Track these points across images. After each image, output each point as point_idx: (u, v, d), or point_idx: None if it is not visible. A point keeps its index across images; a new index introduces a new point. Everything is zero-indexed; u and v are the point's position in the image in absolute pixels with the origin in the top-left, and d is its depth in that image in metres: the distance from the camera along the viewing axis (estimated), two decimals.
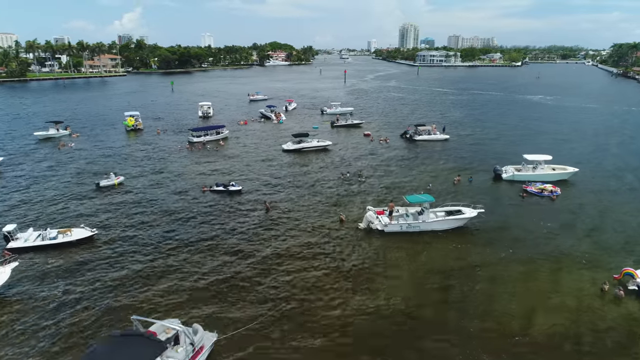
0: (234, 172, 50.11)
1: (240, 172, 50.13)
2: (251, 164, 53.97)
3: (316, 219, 36.45)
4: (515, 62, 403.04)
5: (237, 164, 53.84)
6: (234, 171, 50.39)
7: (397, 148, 62.85)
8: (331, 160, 55.97)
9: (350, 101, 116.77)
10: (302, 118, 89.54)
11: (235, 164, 53.51)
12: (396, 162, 55.08)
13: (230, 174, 49.23)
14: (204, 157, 57.24)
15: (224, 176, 48.12)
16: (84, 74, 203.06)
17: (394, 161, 55.36)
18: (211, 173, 49.54)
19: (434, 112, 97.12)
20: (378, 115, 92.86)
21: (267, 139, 68.20)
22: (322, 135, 70.02)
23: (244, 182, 45.82)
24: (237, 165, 53.33)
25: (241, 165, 53.02)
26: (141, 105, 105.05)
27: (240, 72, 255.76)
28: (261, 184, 45.92)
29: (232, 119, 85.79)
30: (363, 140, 67.55)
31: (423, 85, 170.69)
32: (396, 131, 74.36)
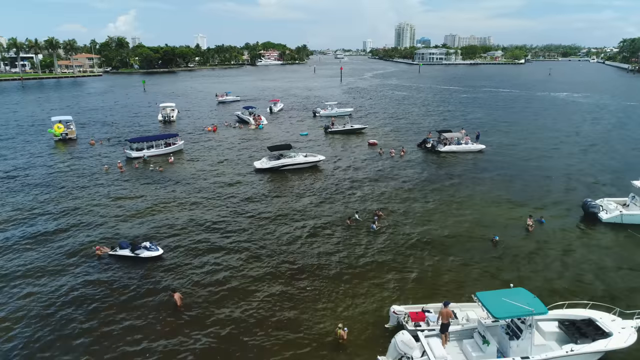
0: (170, 210, 31.90)
1: (179, 211, 31.92)
2: (204, 193, 35.85)
3: (296, 337, 18.35)
4: (518, 59, 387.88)
5: (183, 194, 35.68)
6: (171, 209, 32.19)
7: (417, 165, 44.89)
8: (324, 184, 37.99)
9: (348, 101, 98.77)
10: (289, 122, 71.45)
11: (179, 195, 35.34)
12: (420, 188, 37.08)
13: (164, 214, 31.10)
14: (139, 182, 39.04)
15: (148, 222, 29.94)
16: (54, 74, 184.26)
17: (418, 187, 37.36)
18: (133, 215, 31.30)
19: (452, 113, 79.27)
20: (383, 117, 74.84)
21: (238, 152, 50.06)
22: (311, 147, 51.99)
23: (175, 235, 27.69)
24: (182, 196, 35.16)
25: (188, 197, 34.84)
26: (98, 107, 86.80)
27: (228, 72, 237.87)
28: (204, 237, 27.76)
29: (199, 124, 67.73)
30: (368, 152, 49.58)
31: (427, 83, 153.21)
32: (410, 139, 56.52)
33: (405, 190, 36.44)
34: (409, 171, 42.07)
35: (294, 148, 45.36)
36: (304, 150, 47.08)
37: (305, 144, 53.86)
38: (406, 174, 41.13)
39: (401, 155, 47.79)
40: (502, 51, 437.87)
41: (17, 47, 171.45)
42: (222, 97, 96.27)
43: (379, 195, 35.25)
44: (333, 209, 32.32)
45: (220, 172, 41.97)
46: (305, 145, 52.60)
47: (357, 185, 37.80)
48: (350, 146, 52.84)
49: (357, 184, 37.97)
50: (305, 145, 53.10)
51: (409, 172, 41.60)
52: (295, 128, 65.39)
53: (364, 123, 65.88)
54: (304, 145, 52.53)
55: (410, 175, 40.82)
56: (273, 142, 54.65)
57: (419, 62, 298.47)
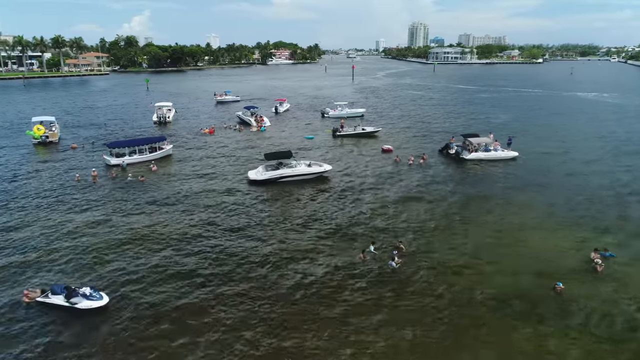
0: (136, 241, 25.71)
1: (146, 242, 25.74)
2: (184, 215, 29.69)
3: None
4: (535, 59, 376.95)
5: (158, 215, 29.56)
6: (137, 239, 25.99)
7: (440, 175, 38.21)
8: (330, 202, 31.62)
9: (360, 101, 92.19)
10: (294, 123, 65.18)
11: (153, 218, 29.22)
12: (447, 208, 30.48)
13: (127, 245, 24.99)
14: (111, 196, 33.04)
15: (103, 257, 23.85)
16: (60, 72, 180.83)
17: (443, 206, 30.76)
18: (88, 246, 25.23)
19: (473, 114, 72.21)
20: (398, 119, 68.12)
21: (233, 159, 43.90)
22: (316, 153, 45.65)
23: (131, 280, 21.53)
24: (156, 219, 29.04)
25: (162, 220, 28.73)
26: (93, 107, 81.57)
27: (237, 71, 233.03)
28: (171, 285, 21.56)
29: (196, 126, 61.81)
30: (382, 160, 43.03)
31: (442, 82, 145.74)
32: (429, 144, 49.87)
33: (428, 210, 29.85)
34: (432, 185, 35.40)
35: (296, 156, 39.03)
36: (308, 158, 40.75)
37: (310, 149, 47.55)
38: (429, 188, 34.46)
39: (420, 164, 41.15)
40: (518, 50, 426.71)
41: (22, 45, 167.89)
42: (220, 97, 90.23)
43: (397, 217, 28.74)
44: (341, 237, 25.89)
45: (209, 184, 35.80)
46: (310, 152, 46.30)
47: (370, 203, 31.32)
48: (362, 152, 46.34)
49: (371, 202, 31.48)
50: (310, 151, 46.79)
51: (432, 187, 34.93)
52: (301, 130, 59.06)
53: (377, 125, 59.33)
54: (308, 152, 46.25)
55: (434, 190, 34.17)
56: (275, 146, 48.58)
57: (434, 61, 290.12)
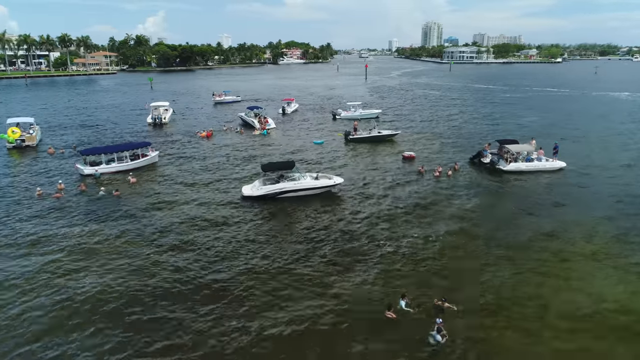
0: (84, 310, 19.59)
1: (98, 294, 19.61)
2: (156, 248, 23.49)
3: None
4: (554, 58, 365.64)
5: (127, 245, 23.41)
6: (93, 303, 19.87)
7: (475, 191, 31.43)
8: (341, 226, 25.16)
9: (374, 101, 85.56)
10: (303, 126, 58.82)
11: (119, 248, 23.08)
12: (490, 237, 23.79)
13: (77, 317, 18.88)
14: (75, 218, 26.98)
15: (28, 317, 17.77)
16: (67, 71, 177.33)
17: (488, 236, 24.05)
18: (16, 295, 19.18)
19: (500, 116, 65.03)
20: (418, 121, 61.29)
21: (229, 168, 37.66)
22: (326, 161, 39.21)
23: None
24: (122, 249, 22.90)
25: (126, 255, 22.56)
26: (88, 107, 76.30)
27: (248, 70, 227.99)
28: None
29: (195, 128, 55.86)
30: (404, 170, 36.38)
31: (460, 82, 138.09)
32: (456, 151, 43.11)
33: (471, 239, 23.23)
34: (467, 204, 28.68)
35: (300, 166, 32.71)
36: (315, 168, 34.39)
37: (318, 157, 41.11)
38: (466, 211, 27.69)
39: (449, 175, 34.40)
40: (536, 49, 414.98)
41: (28, 44, 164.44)
42: (219, 97, 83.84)
43: (429, 251, 22.15)
44: (358, 284, 19.43)
45: (196, 200, 29.59)
46: (318, 159, 39.87)
47: (392, 230, 24.78)
48: (379, 161, 39.73)
49: (394, 229, 24.93)
50: (319, 158, 40.36)
51: (468, 207, 28.22)
52: (309, 134, 52.66)
53: (394, 128, 52.71)
54: (316, 159, 39.83)
55: (471, 211, 27.46)
56: (279, 152, 42.31)
57: (450, 60, 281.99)
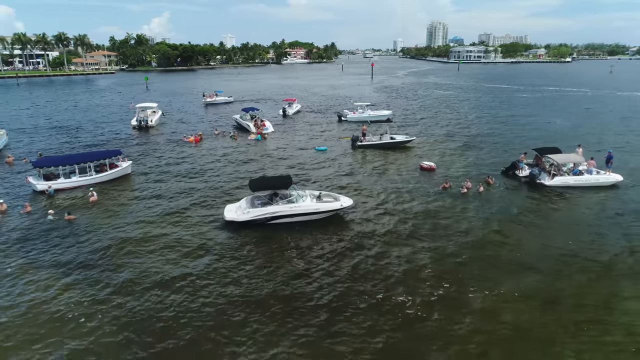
0: None
1: None
2: (111, 300, 17.41)
3: None
4: (563, 57, 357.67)
5: (68, 296, 17.37)
6: None
7: (516, 213, 25.12)
8: (352, 267, 18.97)
9: (382, 101, 79.37)
10: (305, 130, 52.71)
11: (53, 315, 17.04)
12: (550, 283, 17.51)
13: None
14: (7, 256, 20.97)
15: None
16: (63, 71, 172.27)
17: (547, 281, 17.78)
18: None
19: (524, 119, 58.63)
20: (433, 124, 55.02)
21: (214, 182, 31.58)
22: (327, 172, 33.00)
23: None
24: (64, 305, 16.88)
25: (69, 308, 16.53)
26: (72, 108, 70.62)
27: (250, 70, 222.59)
28: None
29: (182, 132, 49.97)
30: (424, 184, 30.13)
31: (471, 81, 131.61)
32: (480, 159, 36.85)
33: (526, 298, 16.96)
34: (512, 234, 22.42)
35: (298, 181, 26.65)
36: (316, 185, 28.32)
37: (321, 168, 34.97)
38: (513, 247, 21.45)
39: (480, 192, 28.16)
40: (545, 49, 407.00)
41: (22, 43, 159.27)
42: (210, 98, 77.37)
43: (471, 321, 15.94)
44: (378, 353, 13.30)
45: (169, 226, 23.53)
46: (320, 171, 33.74)
47: (417, 272, 18.59)
48: (393, 172, 33.48)
49: (419, 271, 18.74)
50: (320, 170, 34.22)
51: (514, 237, 21.96)
52: (311, 139, 46.51)
53: (408, 132, 46.52)
54: (318, 171, 33.70)
55: (517, 246, 21.21)
56: (274, 161, 36.26)
57: (459, 59, 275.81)
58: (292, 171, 33.15)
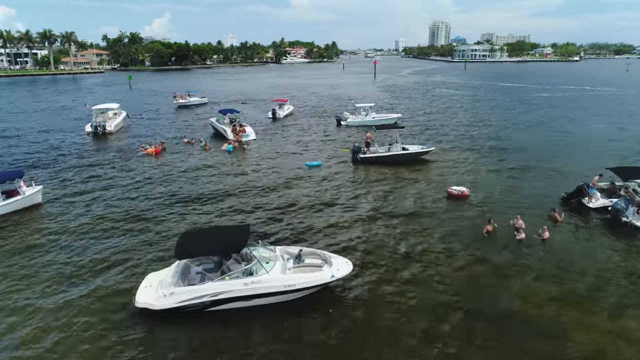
0: None
1: None
2: None
3: None
4: (571, 56, 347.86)
5: None
6: None
7: (606, 277, 15.60)
8: None
9: (386, 102, 69.99)
10: (296, 136, 43.28)
11: None
12: None
13: None
14: None
15: None
16: (49, 70, 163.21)
17: None
18: None
19: (559, 122, 49.13)
20: (449, 130, 45.49)
21: (154, 219, 22.15)
22: (315, 207, 23.40)
23: None
24: None
25: None
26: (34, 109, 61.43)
27: (248, 69, 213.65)
28: None
29: (147, 139, 40.67)
30: (455, 222, 20.64)
31: (481, 80, 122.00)
32: (524, 180, 27.32)
33: None
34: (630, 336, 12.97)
35: (263, 236, 17.32)
36: (298, 225, 18.92)
37: (307, 195, 25.47)
38: None
39: (544, 239, 18.65)
40: (551, 48, 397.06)
41: (3, 39, 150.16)
42: (182, 99, 67.08)
43: None
44: None
45: (49, 315, 14.15)
46: (306, 201, 24.22)
47: None
48: (411, 202, 23.93)
49: None
50: (308, 197, 24.72)
51: None
52: (303, 150, 37.06)
53: (422, 140, 37.12)
54: (302, 201, 24.18)
55: None
56: (246, 184, 26.89)
57: (465, 58, 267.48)
58: (270, 200, 23.80)
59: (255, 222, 20.71)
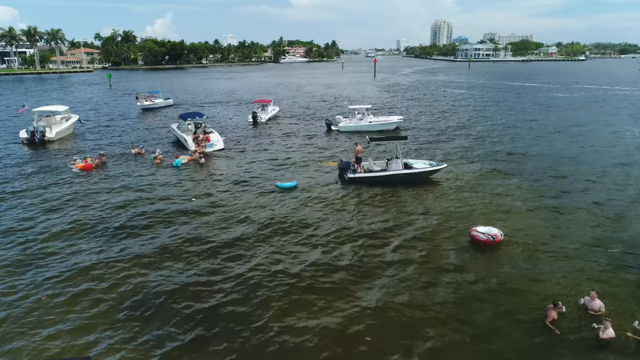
0: None
1: None
2: None
3: None
4: (577, 55, 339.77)
5: None
6: None
7: None
8: None
9: (386, 102, 62.26)
10: (276, 144, 35.50)
11: None
12: None
13: None
14: None
15: None
16: (33, 69, 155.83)
17: None
18: None
19: (596, 128, 41.36)
20: (462, 138, 37.66)
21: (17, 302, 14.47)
22: (275, 271, 15.49)
23: None
24: None
25: None
26: None
27: (245, 69, 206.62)
28: None
29: (92, 149, 33.06)
30: (496, 295, 12.88)
31: (487, 80, 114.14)
32: (578, 213, 19.48)
33: None
34: None
35: None
36: (243, 293, 11.28)
37: (268, 236, 17.71)
38: None
39: (602, 339, 10.87)
40: (556, 47, 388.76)
41: None
42: (146, 101, 58.40)
43: None
44: None
45: None
46: (262, 252, 16.46)
47: None
48: (417, 248, 16.17)
49: None
50: (268, 246, 16.96)
51: None
52: (279, 165, 29.30)
53: (430, 153, 29.39)
54: (261, 252, 16.41)
55: None
56: (188, 219, 19.12)
57: (469, 58, 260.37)
58: (205, 247, 16.13)
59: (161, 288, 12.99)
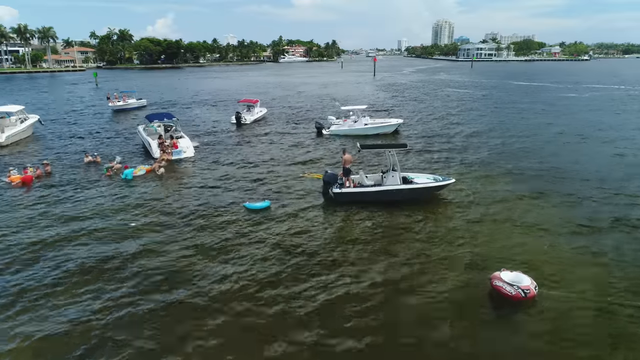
0: None
1: None
2: None
3: None
4: (580, 55, 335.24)
5: None
6: None
7: None
8: None
9: (385, 102, 57.74)
10: (258, 150, 30.98)
11: None
12: None
13: None
14: None
15: None
16: (23, 68, 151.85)
17: None
18: None
19: (627, 135, 36.79)
20: (472, 146, 33.10)
21: None
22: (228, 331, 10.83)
23: None
24: None
25: None
26: None
27: (242, 68, 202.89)
28: None
29: (46, 155, 28.57)
30: None
31: (491, 79, 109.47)
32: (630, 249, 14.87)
33: None
34: None
35: None
36: None
37: (224, 284, 13.14)
38: None
39: None
40: (559, 47, 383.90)
41: None
42: (118, 102, 53.71)
43: None
44: None
45: None
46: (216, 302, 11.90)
47: None
48: (419, 308, 11.67)
49: None
50: (225, 293, 12.39)
51: None
52: (256, 176, 24.77)
53: (434, 165, 24.86)
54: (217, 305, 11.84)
55: None
56: (135, 257, 14.33)
57: (471, 57, 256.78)
58: (138, 295, 11.59)
59: None
